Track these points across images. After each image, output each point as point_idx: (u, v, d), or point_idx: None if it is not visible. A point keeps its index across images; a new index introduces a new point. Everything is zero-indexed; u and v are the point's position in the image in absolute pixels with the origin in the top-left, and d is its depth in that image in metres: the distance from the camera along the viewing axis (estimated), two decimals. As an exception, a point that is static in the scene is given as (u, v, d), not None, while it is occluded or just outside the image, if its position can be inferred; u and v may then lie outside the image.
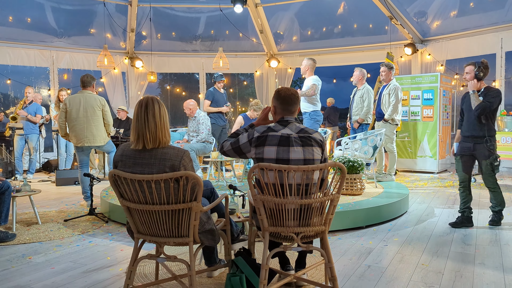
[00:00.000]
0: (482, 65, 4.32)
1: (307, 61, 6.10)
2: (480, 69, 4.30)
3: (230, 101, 13.84)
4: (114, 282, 3.03)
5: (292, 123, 2.74)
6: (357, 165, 5.18)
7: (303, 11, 11.05)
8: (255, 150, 2.67)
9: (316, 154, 2.64)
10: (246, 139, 2.74)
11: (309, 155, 2.61)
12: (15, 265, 3.42)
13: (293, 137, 2.64)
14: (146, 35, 11.26)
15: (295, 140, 2.62)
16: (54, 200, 6.20)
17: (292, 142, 2.61)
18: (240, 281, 2.63)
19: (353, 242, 3.92)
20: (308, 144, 2.64)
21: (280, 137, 2.63)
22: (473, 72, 4.34)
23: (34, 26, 10.05)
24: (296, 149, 2.60)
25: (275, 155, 2.60)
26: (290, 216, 2.49)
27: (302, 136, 2.65)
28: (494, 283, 2.92)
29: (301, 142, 2.63)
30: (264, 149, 2.62)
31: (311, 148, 2.63)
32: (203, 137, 6.64)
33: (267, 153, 2.61)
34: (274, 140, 2.62)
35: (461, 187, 4.50)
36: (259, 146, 2.65)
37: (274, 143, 2.62)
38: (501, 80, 9.08)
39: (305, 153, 2.61)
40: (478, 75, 4.32)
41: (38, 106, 8.29)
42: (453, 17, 9.66)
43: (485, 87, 4.34)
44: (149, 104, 2.47)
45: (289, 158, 2.58)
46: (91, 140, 5.40)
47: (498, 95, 4.25)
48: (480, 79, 4.34)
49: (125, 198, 2.48)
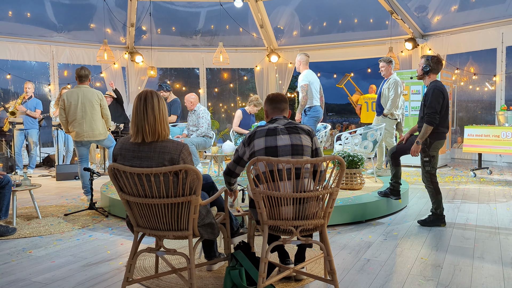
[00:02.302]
0: (433, 59, 4.30)
1: (300, 56, 6.06)
2: (429, 62, 4.29)
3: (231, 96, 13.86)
4: (114, 275, 3.05)
5: (280, 120, 2.90)
6: (357, 160, 5.18)
7: (304, 6, 11.01)
8: (248, 148, 2.82)
9: (305, 140, 2.76)
10: (242, 145, 2.90)
11: (297, 140, 2.73)
12: (15, 259, 3.43)
13: (279, 128, 2.78)
14: (146, 29, 11.23)
15: (281, 130, 2.77)
16: (54, 194, 6.21)
17: (278, 132, 2.75)
18: (240, 274, 2.64)
19: (353, 236, 3.93)
20: (295, 132, 2.77)
21: (267, 129, 2.79)
22: (421, 66, 4.35)
23: (34, 20, 10.02)
24: (283, 136, 2.73)
25: (264, 144, 2.72)
26: (289, 208, 2.50)
27: (289, 127, 2.80)
28: (492, 277, 2.93)
29: (287, 131, 2.77)
30: (254, 143, 2.77)
31: (298, 135, 2.76)
32: (203, 131, 6.63)
33: (257, 145, 2.75)
34: (262, 133, 2.78)
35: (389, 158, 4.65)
36: (250, 143, 2.80)
37: (262, 135, 2.77)
38: (502, 74, 9.05)
39: (292, 139, 2.73)
40: (425, 68, 4.30)
41: (38, 101, 8.28)
42: (454, 12, 9.62)
43: (430, 83, 4.29)
44: (148, 98, 2.47)
45: (277, 145, 2.70)
46: (91, 134, 5.40)
47: (433, 90, 4.15)
48: (427, 73, 4.32)
49: (125, 191, 2.49)
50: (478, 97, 10.30)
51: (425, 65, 4.30)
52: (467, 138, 7.61)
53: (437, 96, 4.13)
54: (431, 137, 4.21)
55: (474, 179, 7.04)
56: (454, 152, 10.04)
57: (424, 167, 4.29)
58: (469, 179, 7.11)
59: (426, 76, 4.34)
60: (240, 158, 2.91)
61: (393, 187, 4.65)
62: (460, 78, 10.25)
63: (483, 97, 10.21)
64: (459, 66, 10.01)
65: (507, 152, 7.24)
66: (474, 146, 7.56)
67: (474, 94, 10.35)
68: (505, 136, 7.10)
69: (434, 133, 4.21)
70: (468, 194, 5.83)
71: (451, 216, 4.60)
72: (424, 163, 4.28)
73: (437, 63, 4.30)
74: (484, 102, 10.18)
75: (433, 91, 4.15)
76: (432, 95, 4.15)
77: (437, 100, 4.13)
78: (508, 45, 8.96)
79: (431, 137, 4.21)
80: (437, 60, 4.31)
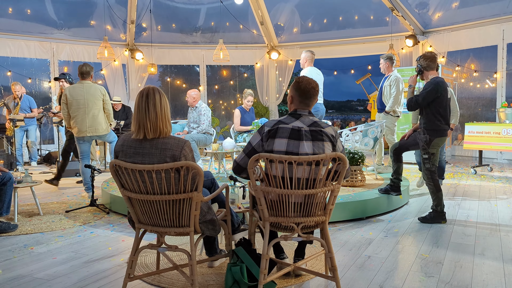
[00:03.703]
0: (421, 58, 4.33)
1: (305, 53, 6.08)
2: (418, 62, 4.34)
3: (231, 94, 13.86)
4: (115, 272, 3.05)
5: (305, 116, 2.68)
6: (358, 157, 5.18)
7: (304, 3, 11.00)
8: (266, 143, 2.62)
9: (327, 149, 2.59)
10: (258, 137, 2.68)
11: (319, 150, 2.56)
12: (17, 255, 3.44)
13: (304, 130, 2.58)
14: (146, 27, 11.21)
15: (305, 133, 2.57)
16: (55, 191, 6.22)
17: (302, 136, 2.56)
18: (241, 271, 2.64)
19: (353, 233, 3.94)
20: (319, 138, 2.58)
21: (291, 129, 2.58)
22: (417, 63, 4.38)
23: (34, 17, 10.01)
24: (306, 143, 2.55)
25: (285, 148, 2.56)
26: (291, 207, 2.50)
27: (313, 130, 2.59)
28: (493, 273, 2.94)
29: (311, 136, 2.57)
30: (274, 141, 2.58)
31: (321, 143, 2.58)
32: (204, 128, 6.64)
33: (278, 145, 2.57)
34: (285, 132, 2.58)
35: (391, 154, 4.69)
36: (270, 138, 2.61)
37: (285, 135, 2.57)
38: (503, 71, 9.05)
39: (314, 148, 2.55)
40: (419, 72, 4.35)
41: (30, 98, 8.26)
42: (454, 9, 9.61)
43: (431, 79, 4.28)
44: (150, 94, 2.47)
45: (299, 152, 2.54)
46: (93, 130, 5.40)
47: (430, 86, 4.16)
48: (420, 74, 4.36)
49: (126, 188, 2.49)
50: (479, 94, 10.29)
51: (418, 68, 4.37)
52: (467, 135, 7.61)
53: (430, 91, 4.16)
54: (431, 134, 4.21)
55: (474, 176, 7.05)
56: (455, 149, 10.04)
57: (424, 165, 4.30)
58: (469, 176, 7.11)
59: (426, 73, 4.35)
60: (254, 151, 2.68)
61: (394, 183, 4.66)
62: (460, 75, 10.23)
63: (483, 94, 10.20)
64: (459, 63, 9.99)
65: (507, 149, 7.24)
66: (474, 143, 7.56)
67: (475, 91, 10.34)
68: (505, 133, 7.09)
69: (434, 130, 4.21)
70: (468, 191, 5.84)
71: (451, 213, 4.60)
72: (424, 161, 4.29)
73: (427, 59, 4.30)
74: (485, 99, 10.18)
75: (429, 86, 4.19)
76: (425, 89, 4.21)
77: (428, 94, 4.16)
78: (509, 42, 8.95)
79: (431, 134, 4.21)
80: (425, 57, 4.31)
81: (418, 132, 4.36)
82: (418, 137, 4.34)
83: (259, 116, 11.05)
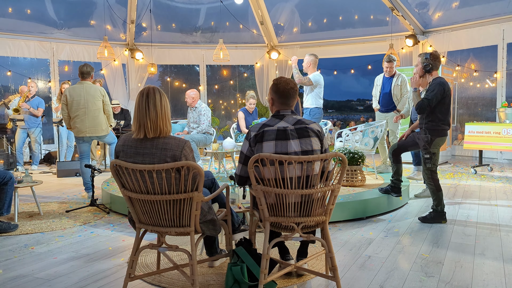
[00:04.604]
0: (431, 56, 4.22)
1: (308, 57, 6.02)
2: (428, 60, 4.21)
3: (231, 93, 13.86)
4: (116, 271, 3.06)
5: (288, 116, 2.71)
6: (358, 157, 5.18)
7: (304, 3, 10.99)
8: (255, 148, 2.65)
9: (315, 144, 2.62)
10: (247, 144, 2.71)
11: (308, 146, 2.59)
12: (17, 255, 3.44)
13: (289, 129, 2.61)
14: (146, 26, 11.21)
15: (291, 132, 2.60)
16: (56, 191, 6.22)
17: (289, 135, 2.59)
18: (241, 270, 2.64)
19: (354, 233, 3.94)
20: (305, 135, 2.61)
21: (276, 131, 2.61)
22: (420, 64, 4.26)
23: (34, 17, 10.00)
24: (293, 142, 2.58)
25: (274, 149, 2.58)
26: (291, 207, 2.50)
27: (299, 128, 2.63)
28: (493, 273, 2.94)
29: (298, 134, 2.60)
30: (262, 145, 2.61)
31: (308, 139, 2.61)
32: (204, 128, 6.64)
33: (266, 148, 2.59)
34: (271, 134, 2.61)
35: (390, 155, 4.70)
36: (258, 143, 2.63)
37: (272, 137, 2.60)
38: (503, 71, 9.05)
39: (302, 145, 2.58)
40: (426, 67, 4.23)
41: (40, 100, 8.32)
42: (454, 8, 9.60)
43: (433, 79, 4.23)
44: (150, 94, 2.48)
45: (288, 151, 2.57)
46: (92, 130, 5.40)
47: (436, 87, 4.11)
48: (429, 72, 4.25)
49: (127, 188, 2.49)
50: (479, 94, 10.29)
51: (426, 64, 4.23)
52: (467, 135, 7.61)
53: (438, 93, 4.11)
54: (433, 134, 4.21)
55: (474, 176, 7.05)
56: (455, 149, 10.05)
57: (425, 164, 4.29)
58: (470, 176, 7.11)
59: (428, 74, 4.28)
60: (248, 158, 2.69)
61: (394, 184, 4.66)
62: (460, 75, 10.23)
63: (483, 94, 10.20)
64: (459, 62, 9.99)
65: (508, 149, 7.25)
66: (475, 143, 7.56)
67: (475, 91, 10.34)
68: (506, 133, 7.10)
69: (435, 130, 4.20)
70: (469, 191, 5.84)
71: (452, 213, 4.60)
72: (425, 160, 4.28)
73: (435, 59, 4.24)
74: (485, 99, 10.18)
75: (436, 86, 4.12)
76: (432, 91, 4.13)
77: (437, 96, 4.11)
78: (509, 41, 8.95)
79: (432, 134, 4.21)
80: (434, 56, 4.24)
81: (418, 132, 4.36)
82: (418, 137, 4.34)
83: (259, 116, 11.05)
